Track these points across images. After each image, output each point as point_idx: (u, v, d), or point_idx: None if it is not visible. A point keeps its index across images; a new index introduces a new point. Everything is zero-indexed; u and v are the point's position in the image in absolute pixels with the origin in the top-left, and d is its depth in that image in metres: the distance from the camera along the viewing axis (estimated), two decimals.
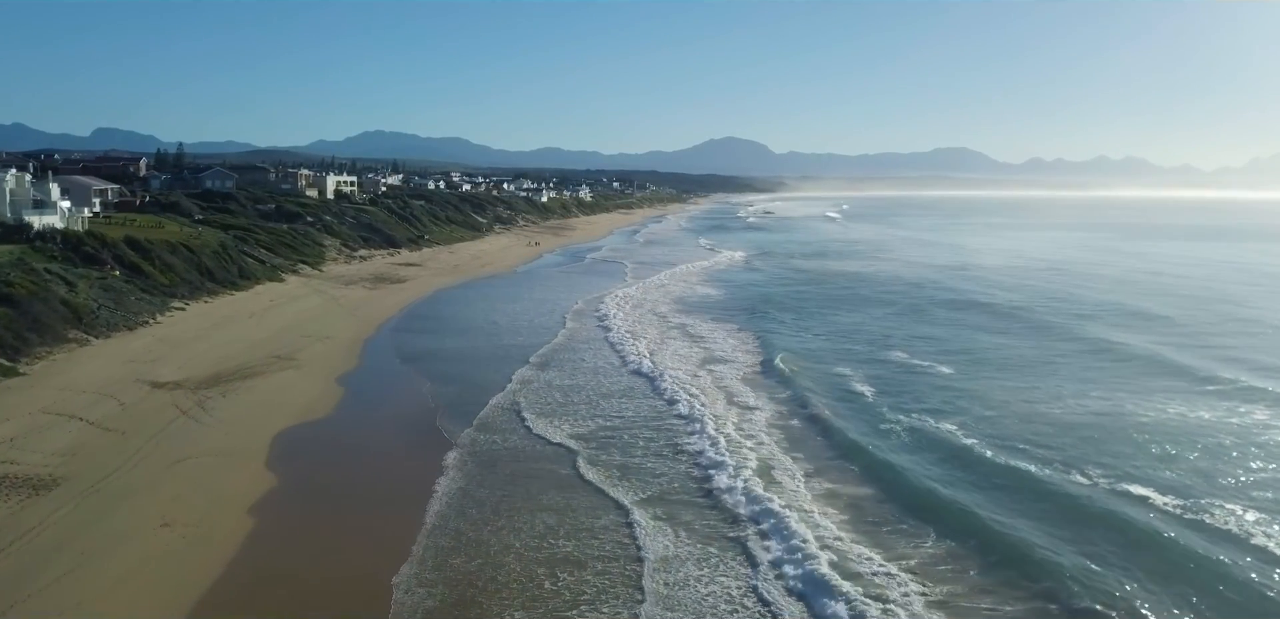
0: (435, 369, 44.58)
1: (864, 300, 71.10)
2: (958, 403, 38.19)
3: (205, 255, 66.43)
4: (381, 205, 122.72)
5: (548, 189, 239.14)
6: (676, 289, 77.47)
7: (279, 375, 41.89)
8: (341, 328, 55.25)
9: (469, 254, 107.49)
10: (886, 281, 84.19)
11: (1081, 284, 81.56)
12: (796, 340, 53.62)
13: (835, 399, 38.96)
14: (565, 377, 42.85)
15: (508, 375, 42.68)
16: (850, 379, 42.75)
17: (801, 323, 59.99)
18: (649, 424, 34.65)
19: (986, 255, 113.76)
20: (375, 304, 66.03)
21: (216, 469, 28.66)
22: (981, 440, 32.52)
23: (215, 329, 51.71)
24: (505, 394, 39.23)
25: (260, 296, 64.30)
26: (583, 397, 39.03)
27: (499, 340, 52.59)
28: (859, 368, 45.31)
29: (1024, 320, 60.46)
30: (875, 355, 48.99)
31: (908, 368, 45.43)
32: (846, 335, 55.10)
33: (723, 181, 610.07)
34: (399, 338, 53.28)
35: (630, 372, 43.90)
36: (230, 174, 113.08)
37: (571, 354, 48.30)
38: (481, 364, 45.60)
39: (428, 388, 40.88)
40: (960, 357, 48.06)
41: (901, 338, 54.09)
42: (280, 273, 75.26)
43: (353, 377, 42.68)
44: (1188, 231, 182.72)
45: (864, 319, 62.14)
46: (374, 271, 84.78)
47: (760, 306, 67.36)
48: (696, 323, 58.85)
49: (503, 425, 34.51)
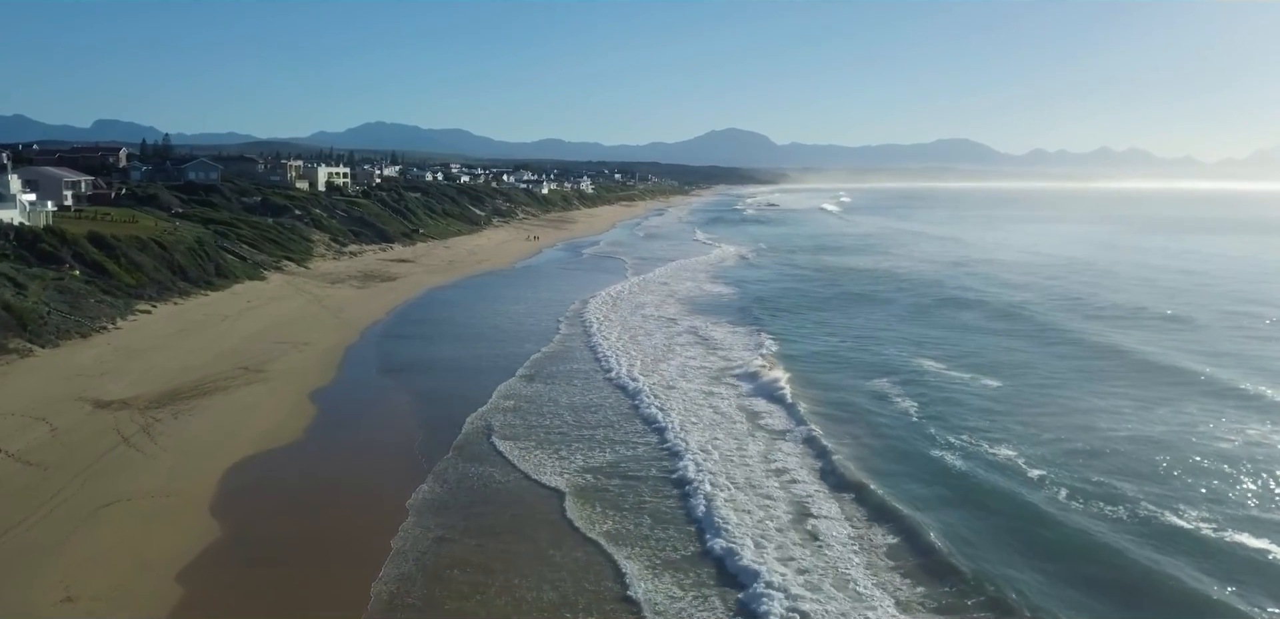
0: (420, 384, 40.07)
1: (885, 300, 66.48)
2: (1011, 427, 33.65)
3: (178, 252, 61.88)
4: (374, 198, 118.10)
5: (548, 181, 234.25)
6: (684, 288, 72.87)
7: (244, 391, 37.38)
8: (322, 333, 50.73)
9: (465, 249, 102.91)
10: (904, 279, 79.54)
11: (1113, 285, 76.82)
12: (819, 344, 49.08)
13: (875, 421, 34.45)
14: (558, 391, 38.32)
15: (493, 390, 38.16)
16: (889, 393, 38.23)
17: (822, 325, 55.41)
18: (648, 463, 30.08)
19: (1003, 252, 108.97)
20: (362, 305, 61.50)
21: (150, 516, 24.14)
22: (1059, 487, 27.82)
23: (181, 335, 47.18)
24: (486, 415, 34.71)
25: (237, 297, 59.77)
26: (575, 429, 34.48)
27: (491, 348, 48.00)
28: (895, 381, 40.77)
29: (1060, 326, 55.81)
30: (907, 363, 44.44)
31: (947, 383, 40.85)
32: (872, 340, 50.49)
33: (724, 173, 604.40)
34: (383, 345, 48.74)
35: (630, 406, 38.99)
36: (215, 165, 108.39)
37: (565, 365, 43.74)
38: (469, 377, 41.00)
39: (408, 406, 36.41)
40: (1002, 369, 43.44)
41: (933, 344, 49.56)
42: (262, 271, 70.74)
43: (327, 393, 38.13)
44: (1202, 225, 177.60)
45: (887, 320, 57.61)
46: (363, 269, 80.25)
47: (774, 307, 62.81)
48: (707, 325, 54.27)
49: (485, 455, 30.02)
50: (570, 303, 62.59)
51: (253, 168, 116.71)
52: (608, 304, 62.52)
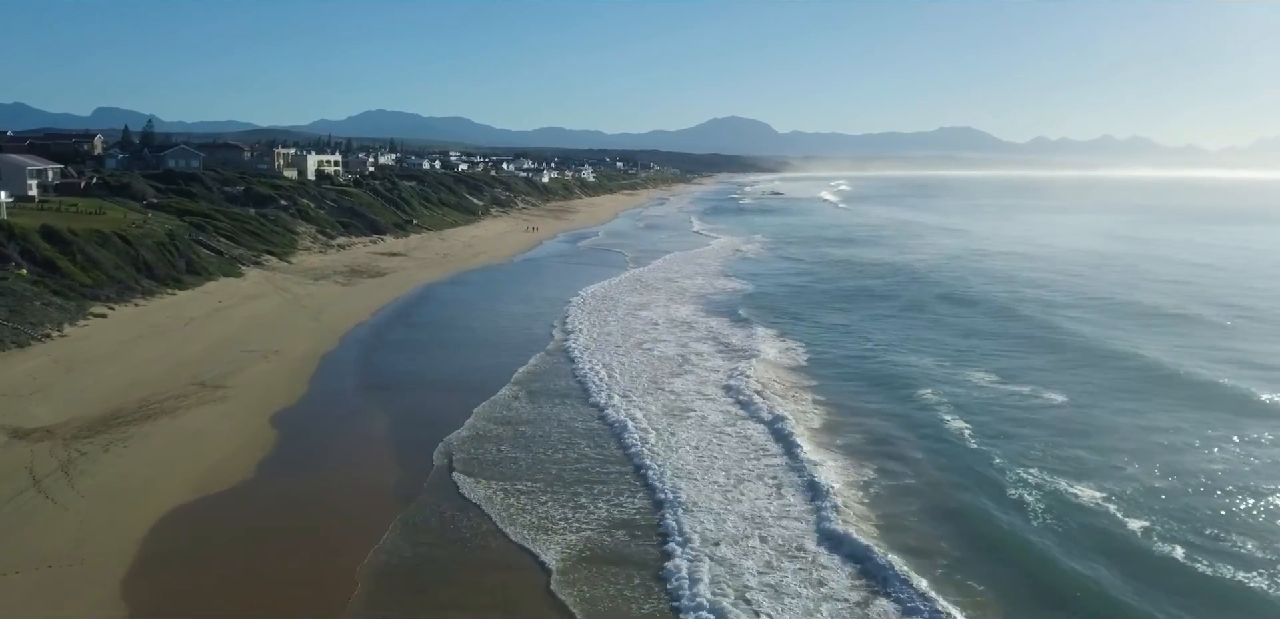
0: (398, 404, 35.00)
1: (914, 300, 61.30)
2: (1087, 454, 28.70)
3: (144, 247, 56.73)
4: (367, 187, 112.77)
5: (549, 170, 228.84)
6: (695, 284, 67.69)
7: (195, 413, 32.30)
8: (297, 338, 45.62)
9: (461, 241, 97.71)
10: (930, 275, 74.36)
11: (1151, 284, 71.60)
12: (850, 350, 43.98)
13: (931, 447, 29.40)
14: (546, 411, 33.26)
15: (473, 409, 33.16)
16: (938, 411, 33.17)
17: (850, 327, 50.32)
18: (640, 534, 24.98)
19: (1024, 246, 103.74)
20: (345, 305, 56.40)
21: (39, 598, 19.08)
22: (1160, 532, 22.92)
23: (135, 343, 42.05)
24: (465, 444, 29.67)
25: (208, 297, 54.63)
26: (558, 471, 29.43)
27: (480, 358, 42.90)
28: (943, 393, 35.73)
29: (1108, 332, 50.74)
30: (956, 374, 39.37)
31: (1005, 398, 35.78)
32: (910, 345, 45.35)
33: (727, 161, 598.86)
34: (362, 354, 43.60)
35: (621, 453, 33.80)
36: (196, 153, 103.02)
37: (556, 382, 38.62)
38: (451, 395, 35.83)
39: (381, 432, 31.38)
40: (1062, 380, 38.42)
41: (980, 350, 44.53)
42: (240, 266, 65.61)
43: (291, 415, 33.04)
44: (1217, 215, 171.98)
45: (923, 322, 52.55)
46: (351, 263, 75.08)
47: (796, 306, 57.77)
48: (716, 331, 49.15)
49: (456, 504, 25.00)
50: (568, 304, 57.46)
51: (238, 156, 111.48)
52: (608, 307, 57.38)
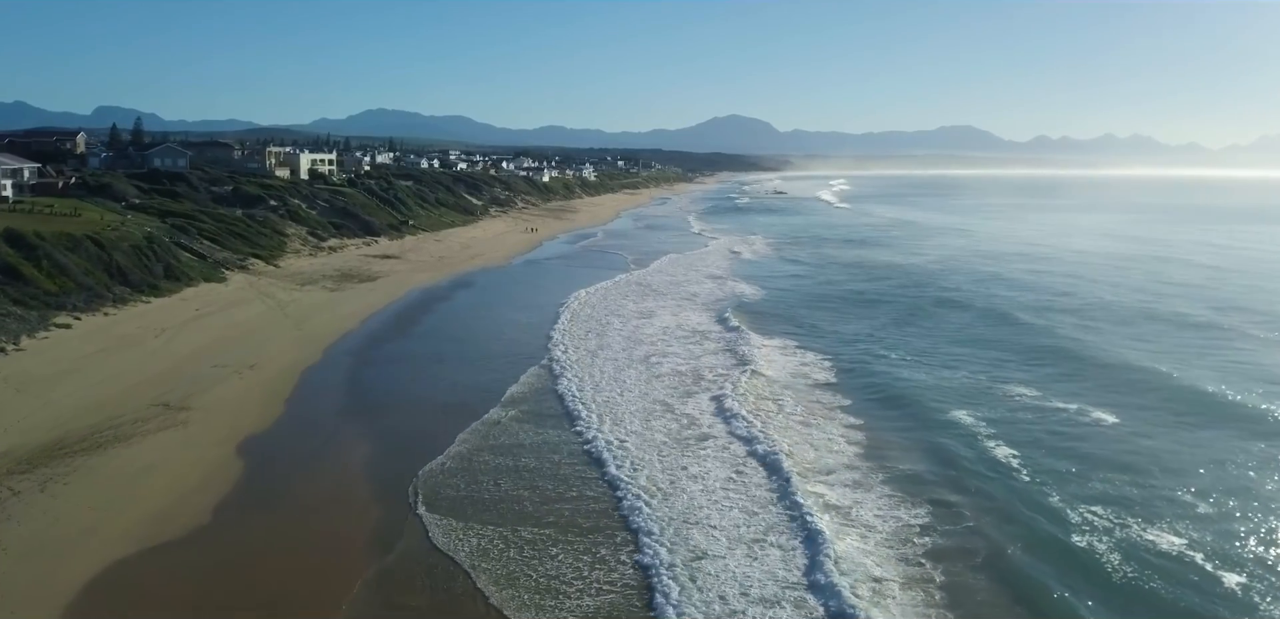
0: (378, 427, 31.54)
1: (937, 303, 57.89)
2: (1153, 489, 25.26)
3: (119, 251, 53.26)
4: (361, 187, 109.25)
5: (550, 168, 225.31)
6: (703, 289, 64.17)
7: (153, 440, 28.84)
8: (276, 351, 42.15)
9: (458, 243, 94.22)
10: (948, 278, 70.89)
11: (1179, 287, 68.28)
12: (874, 366, 40.47)
13: (979, 484, 25.92)
14: (533, 436, 29.79)
15: (457, 434, 29.72)
16: (979, 438, 29.68)
17: (871, 338, 46.81)
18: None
19: (1038, 246, 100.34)
20: (332, 312, 52.93)
21: None
22: (1262, 588, 19.50)
23: (99, 357, 38.56)
24: (448, 478, 26.22)
25: (185, 304, 51.15)
26: (539, 514, 25.95)
27: (469, 375, 39.47)
28: (980, 415, 32.26)
29: (1146, 341, 47.35)
30: (992, 392, 35.92)
31: (1049, 420, 32.31)
32: (938, 359, 41.86)
33: (728, 160, 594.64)
34: (347, 368, 40.09)
35: (613, 501, 30.39)
36: (184, 152, 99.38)
37: (547, 404, 35.16)
38: (441, 418, 32.43)
39: (358, 462, 27.91)
40: (1107, 397, 34.99)
41: (1014, 361, 41.18)
42: (223, 270, 62.11)
43: (261, 442, 29.56)
44: (1230, 214, 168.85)
45: (949, 328, 49.13)
46: (341, 266, 71.57)
47: (812, 312, 54.31)
48: (736, 338, 45.67)
49: (434, 566, 21.57)
50: (566, 311, 54.01)
51: (228, 155, 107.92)
52: (608, 315, 53.93)
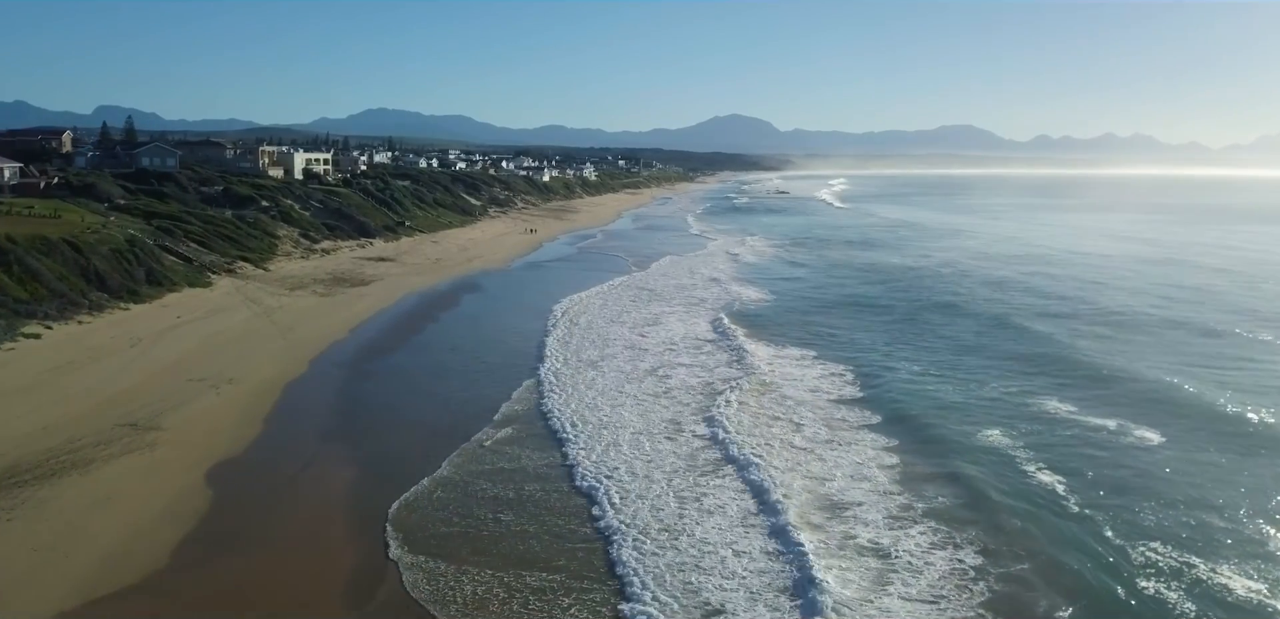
0: (362, 454, 28.95)
1: (953, 310, 55.33)
2: (1214, 520, 22.73)
3: (98, 255, 50.75)
4: (357, 187, 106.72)
5: (550, 168, 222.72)
6: (709, 293, 61.63)
7: (115, 466, 26.34)
8: (259, 363, 39.63)
9: (455, 244, 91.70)
10: (962, 281, 68.40)
11: (1209, 289, 65.80)
12: (897, 376, 37.92)
13: (1023, 512, 23.39)
14: (534, 468, 27.26)
15: (458, 462, 27.18)
16: (1018, 461, 27.13)
17: (890, 347, 44.25)
18: None
19: (1053, 247, 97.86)
20: (321, 319, 50.40)
21: None
22: None
23: (66, 371, 36.04)
24: (435, 517, 23.71)
25: (166, 311, 48.64)
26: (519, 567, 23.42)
27: (458, 390, 37.04)
28: (1013, 432, 29.73)
29: (1183, 346, 44.86)
30: (1025, 406, 33.48)
31: (1090, 440, 29.79)
32: (962, 369, 39.33)
33: (729, 159, 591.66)
34: (332, 383, 37.56)
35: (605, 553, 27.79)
36: (173, 151, 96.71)
37: (537, 427, 32.67)
38: (429, 440, 29.96)
39: (338, 495, 25.33)
40: (1147, 414, 32.50)
41: (1042, 374, 38.67)
42: (209, 274, 59.64)
43: (233, 469, 27.04)
44: (1242, 214, 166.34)
45: (969, 338, 46.55)
46: (334, 270, 69.04)
47: (824, 319, 51.76)
48: (750, 346, 43.17)
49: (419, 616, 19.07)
50: (564, 318, 51.56)
51: (220, 154, 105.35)
52: (610, 323, 51.45)
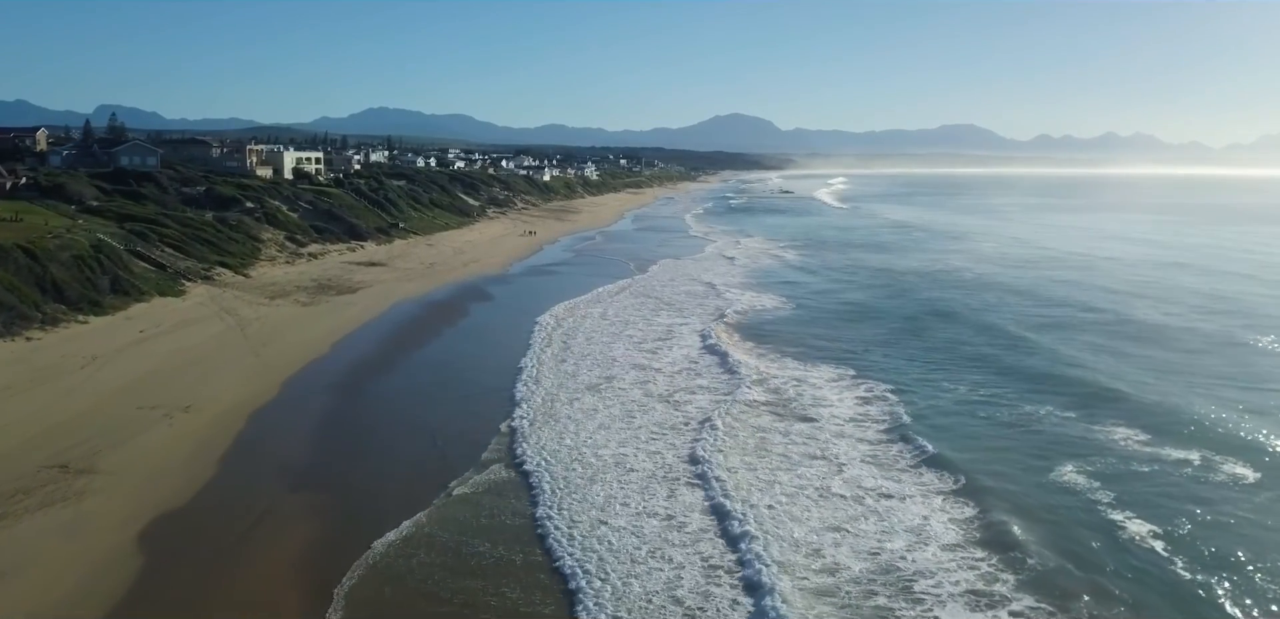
0: (328, 500, 24.86)
1: (982, 322, 51.09)
2: None
3: (56, 263, 46.63)
4: (350, 187, 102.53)
5: (551, 167, 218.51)
6: (720, 303, 57.44)
7: (30, 523, 22.27)
8: (223, 386, 35.49)
9: (451, 247, 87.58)
10: (983, 289, 64.24)
11: (1253, 295, 61.67)
12: (942, 399, 33.74)
13: (1115, 565, 19.30)
14: (515, 533, 23.15)
15: (429, 524, 23.10)
16: (1097, 502, 22.98)
17: (926, 364, 40.06)
18: None
19: (1073, 251, 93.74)
20: (301, 332, 46.32)
21: None
22: None
23: (4, 395, 31.91)
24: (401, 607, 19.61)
25: (129, 324, 44.52)
26: None
27: (445, 420, 32.96)
28: (1088, 469, 25.54)
29: (1242, 365, 40.76)
30: (1090, 436, 29.28)
31: (1173, 474, 25.63)
32: (1009, 391, 35.09)
33: (730, 159, 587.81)
34: (304, 411, 33.40)
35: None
36: (154, 150, 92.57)
37: (520, 479, 28.55)
38: (404, 487, 25.88)
39: (286, 564, 21.19)
40: (1230, 440, 28.36)
41: (1096, 398, 34.35)
42: (184, 281, 55.53)
43: (172, 526, 22.91)
44: (1256, 215, 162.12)
45: (1005, 354, 42.28)
46: (320, 276, 64.89)
47: (845, 333, 47.60)
48: (771, 366, 39.05)
49: None
50: (557, 333, 47.48)
51: (206, 152, 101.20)
52: (613, 338, 47.33)
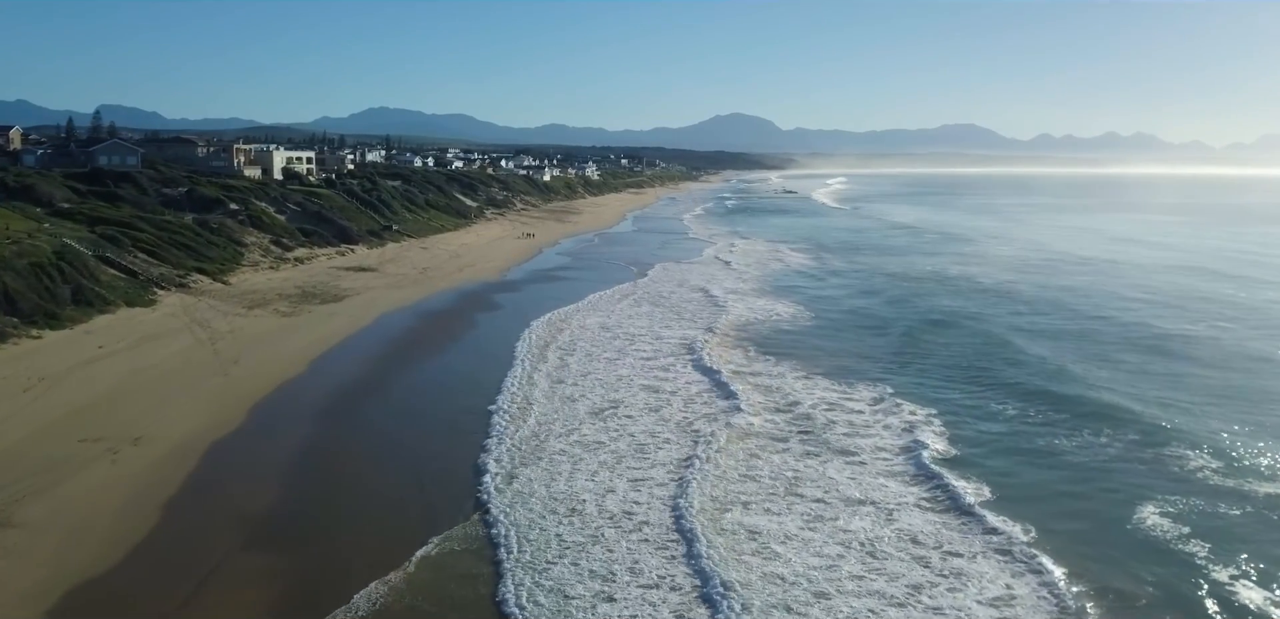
0: (282, 564, 21.06)
1: (1015, 330, 47.30)
2: None
3: (11, 272, 42.88)
4: (342, 188, 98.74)
5: (551, 167, 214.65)
6: (733, 315, 53.60)
7: None
8: (183, 413, 31.70)
9: (446, 250, 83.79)
10: (1009, 295, 60.58)
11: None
12: (991, 426, 29.91)
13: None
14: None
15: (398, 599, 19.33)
16: (1193, 556, 19.19)
17: (966, 386, 36.23)
18: None
19: (1094, 255, 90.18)
20: (278, 346, 42.58)
21: None
22: None
23: None
24: None
25: (89, 338, 40.79)
26: None
27: (425, 458, 29.21)
28: (1169, 506, 21.75)
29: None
30: (1161, 463, 25.48)
31: (1266, 510, 21.92)
32: (1061, 418, 31.24)
33: (731, 158, 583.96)
34: (272, 442, 29.60)
35: None
36: (134, 149, 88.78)
37: (501, 536, 24.78)
38: (366, 541, 22.11)
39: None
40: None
41: (1164, 422, 30.46)
42: (156, 290, 51.84)
43: (95, 594, 19.14)
44: (1266, 214, 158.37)
45: (1041, 365, 38.38)
46: (305, 282, 61.13)
47: (871, 347, 43.78)
48: (793, 385, 35.24)
49: None
50: (553, 350, 43.70)
51: (191, 152, 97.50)
52: (615, 354, 43.55)
